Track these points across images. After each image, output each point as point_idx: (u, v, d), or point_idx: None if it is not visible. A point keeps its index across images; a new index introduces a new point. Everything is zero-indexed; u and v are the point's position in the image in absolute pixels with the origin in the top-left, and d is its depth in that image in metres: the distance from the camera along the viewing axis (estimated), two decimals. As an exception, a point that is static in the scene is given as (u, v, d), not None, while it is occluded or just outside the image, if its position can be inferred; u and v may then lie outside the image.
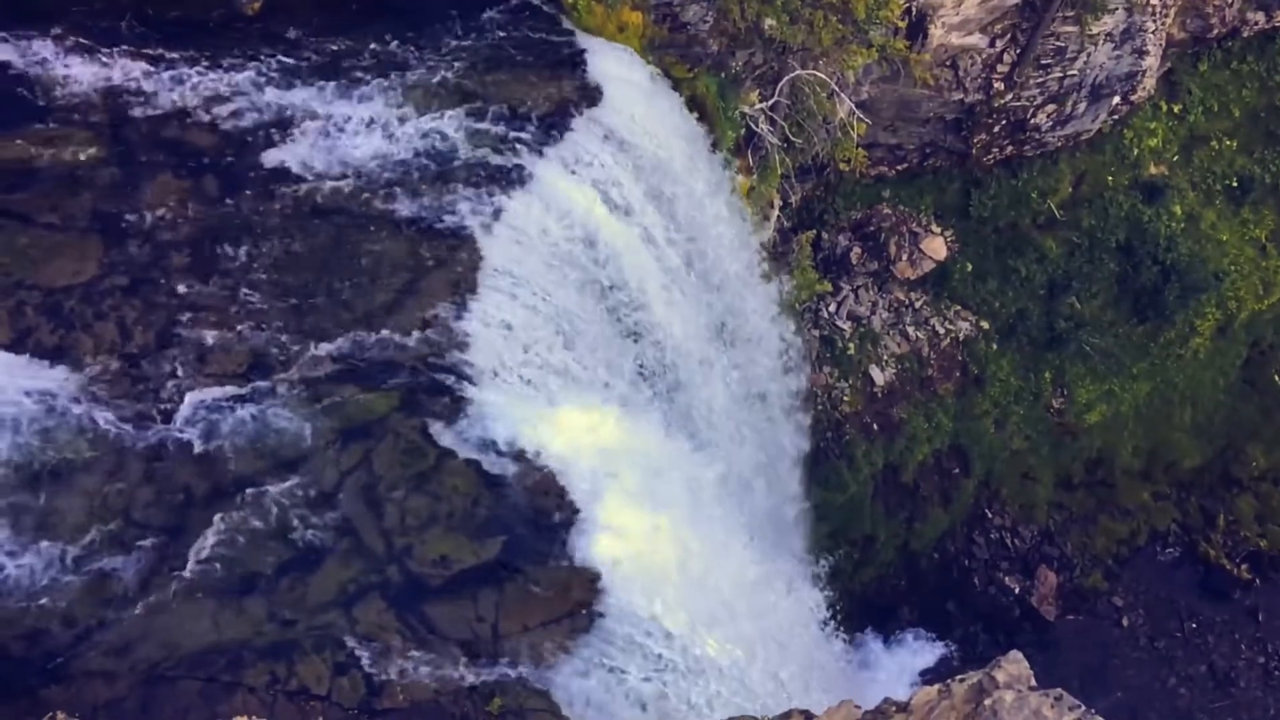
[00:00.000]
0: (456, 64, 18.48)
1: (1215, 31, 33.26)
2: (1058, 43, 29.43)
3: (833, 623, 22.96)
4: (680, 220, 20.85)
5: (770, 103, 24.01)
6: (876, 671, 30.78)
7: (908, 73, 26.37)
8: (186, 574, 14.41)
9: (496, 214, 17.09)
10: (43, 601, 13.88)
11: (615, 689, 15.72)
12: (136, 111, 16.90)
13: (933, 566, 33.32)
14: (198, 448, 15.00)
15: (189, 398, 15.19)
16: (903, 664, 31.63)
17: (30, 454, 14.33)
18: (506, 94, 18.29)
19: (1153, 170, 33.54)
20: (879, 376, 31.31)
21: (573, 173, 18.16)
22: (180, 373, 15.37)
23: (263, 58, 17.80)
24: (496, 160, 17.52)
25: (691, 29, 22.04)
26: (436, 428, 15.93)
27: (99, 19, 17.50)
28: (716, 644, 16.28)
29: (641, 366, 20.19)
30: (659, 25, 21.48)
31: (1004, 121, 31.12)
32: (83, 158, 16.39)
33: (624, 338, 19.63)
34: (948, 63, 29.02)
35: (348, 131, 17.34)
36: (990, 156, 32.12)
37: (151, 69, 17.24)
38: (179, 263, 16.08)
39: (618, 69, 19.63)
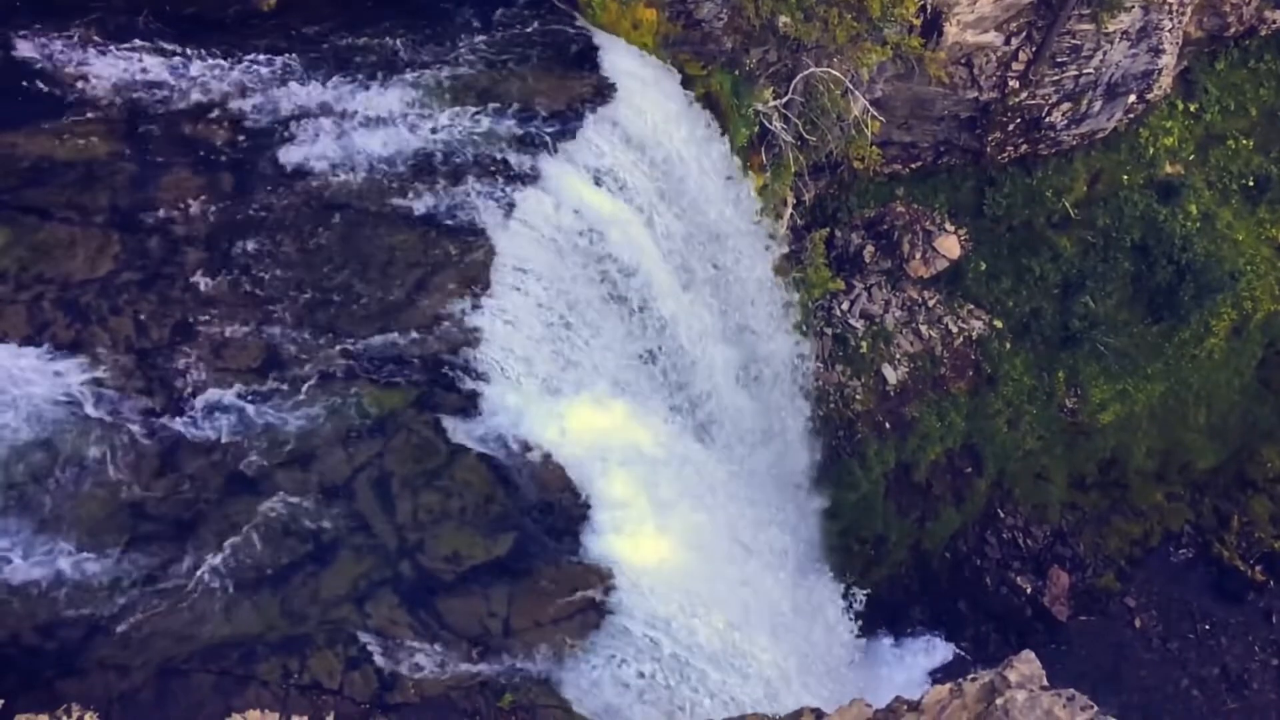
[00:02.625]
0: (470, 60, 18.51)
1: (1233, 30, 33.05)
2: (1073, 41, 29.30)
3: (845, 620, 22.95)
4: (692, 216, 20.84)
5: (784, 100, 23.98)
6: (888, 670, 30.75)
7: (922, 70, 26.28)
8: (200, 568, 14.48)
9: (510, 210, 17.12)
10: (57, 594, 13.96)
11: (626, 686, 15.74)
12: (153, 107, 16.98)
13: (944, 566, 33.24)
14: (212, 442, 15.06)
15: (203, 393, 15.26)
16: (914, 663, 31.60)
17: (45, 448, 14.42)
18: (520, 90, 18.31)
19: (1168, 169, 33.35)
20: (891, 375, 31.25)
21: (586, 169, 18.18)
22: (195, 368, 15.43)
23: (278, 54, 17.85)
24: (510, 156, 17.54)
25: (706, 26, 22.02)
26: (449, 424, 15.97)
27: (117, 15, 17.58)
28: (728, 641, 16.28)
29: (655, 363, 20.19)
30: (673, 22, 21.47)
31: (1019, 120, 30.99)
32: (100, 153, 16.48)
33: (637, 334, 19.64)
34: (963, 61, 28.92)
35: (362, 127, 17.39)
36: (1005, 155, 32.00)
37: (168, 65, 17.31)
38: (194, 258, 16.15)
39: (631, 66, 19.63)
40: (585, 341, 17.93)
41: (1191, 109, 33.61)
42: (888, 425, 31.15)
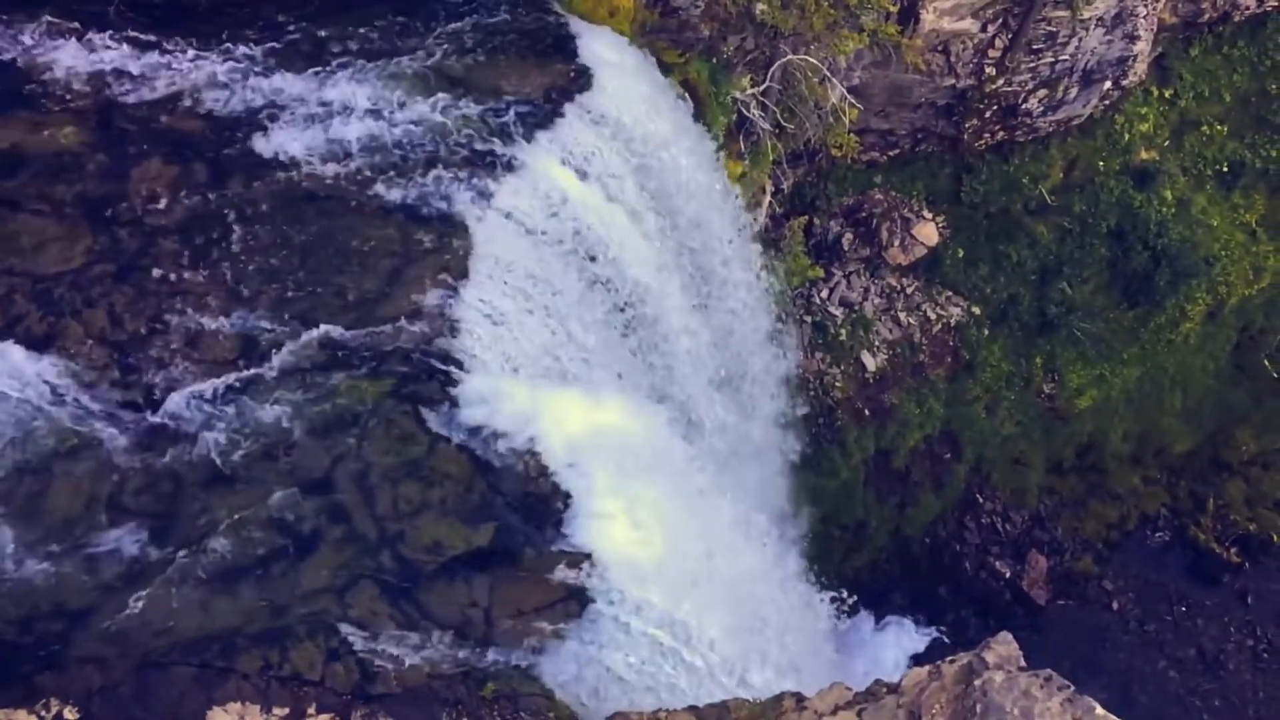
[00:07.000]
0: (447, 48, 18.41)
1: (1207, 16, 33.26)
2: (1049, 27, 29.39)
3: (826, 606, 23.08)
4: (671, 204, 20.83)
5: (762, 88, 23.97)
6: (868, 655, 30.95)
7: (899, 58, 26.32)
8: (178, 561, 14.42)
9: (487, 200, 17.05)
10: (35, 589, 13.87)
11: (608, 673, 15.79)
12: (124, 97, 16.80)
13: (924, 551, 33.45)
14: (188, 435, 14.98)
15: (180, 385, 15.16)
16: (894, 648, 31.81)
17: (20, 441, 14.30)
18: (496, 78, 18.23)
19: (1144, 155, 33.55)
20: (870, 362, 31.37)
21: (563, 158, 18.13)
22: (171, 360, 15.33)
23: (252, 42, 17.70)
24: (486, 146, 17.47)
25: (683, 14, 21.96)
26: (428, 414, 15.94)
27: (88, 3, 17.38)
28: (709, 628, 16.35)
29: (634, 351, 20.20)
30: (650, 9, 21.40)
31: (995, 107, 31.10)
32: (71, 144, 16.30)
33: (616, 323, 19.64)
34: (939, 48, 28.98)
35: (337, 117, 17.27)
36: (982, 142, 32.09)
37: (140, 54, 17.13)
38: (168, 249, 16.02)
39: (608, 54, 19.57)
40: (565, 331, 17.91)
41: (1166, 95, 33.79)
42: (867, 412, 31.27)
